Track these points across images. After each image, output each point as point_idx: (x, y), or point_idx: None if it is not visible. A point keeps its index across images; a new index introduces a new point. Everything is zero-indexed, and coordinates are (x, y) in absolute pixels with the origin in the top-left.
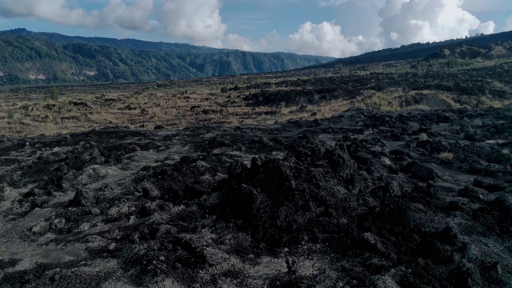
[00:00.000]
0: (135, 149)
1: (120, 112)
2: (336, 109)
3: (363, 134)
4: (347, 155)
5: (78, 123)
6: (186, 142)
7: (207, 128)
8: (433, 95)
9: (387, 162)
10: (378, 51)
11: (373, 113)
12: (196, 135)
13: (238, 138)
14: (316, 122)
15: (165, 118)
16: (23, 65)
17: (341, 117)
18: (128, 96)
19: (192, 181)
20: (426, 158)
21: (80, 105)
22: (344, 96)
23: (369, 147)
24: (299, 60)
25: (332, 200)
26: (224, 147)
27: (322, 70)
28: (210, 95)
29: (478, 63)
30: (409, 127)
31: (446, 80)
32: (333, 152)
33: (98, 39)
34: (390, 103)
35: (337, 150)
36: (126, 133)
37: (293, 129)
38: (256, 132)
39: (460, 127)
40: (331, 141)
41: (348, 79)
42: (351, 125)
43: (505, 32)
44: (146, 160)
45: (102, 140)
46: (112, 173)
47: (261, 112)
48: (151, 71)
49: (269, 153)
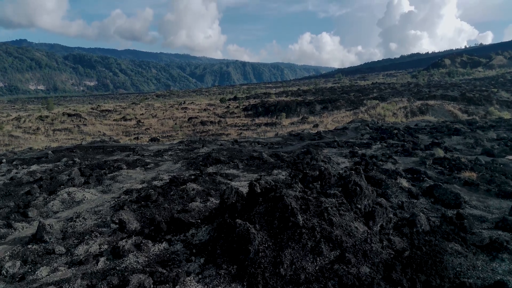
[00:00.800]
0: (120, 167)
1: (115, 124)
2: (339, 121)
3: (371, 149)
4: (364, 181)
5: (70, 135)
6: (179, 158)
7: (202, 141)
8: (439, 105)
9: (405, 184)
10: (378, 61)
11: (378, 125)
12: (191, 149)
13: (235, 154)
14: (319, 134)
15: (161, 130)
16: (23, 75)
17: (346, 129)
18: (125, 107)
19: (179, 208)
20: (446, 178)
21: (74, 117)
22: (346, 106)
23: (380, 165)
24: (298, 70)
25: (349, 241)
26: (219, 165)
27: (322, 80)
28: (209, 106)
29: (479, 73)
30: (420, 141)
31: (451, 90)
32: (348, 179)
33: (98, 49)
34: (395, 114)
35: (353, 176)
36: (114, 148)
37: (295, 142)
38: (256, 146)
39: (474, 141)
40: (337, 157)
41: (350, 89)
42: (357, 138)
43: (504, 42)
44: (131, 180)
45: (87, 156)
46: (89, 198)
47: (261, 123)
48: (151, 81)
49: (269, 172)
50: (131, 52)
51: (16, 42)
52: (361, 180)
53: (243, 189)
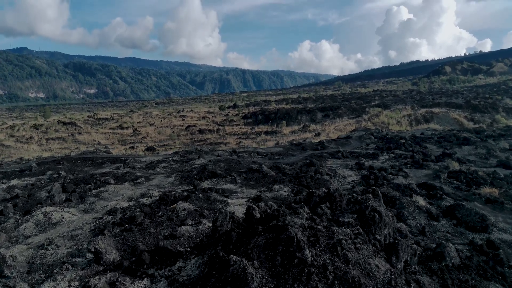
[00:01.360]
0: (108, 181)
1: (111, 132)
2: (341, 129)
3: (379, 160)
4: (383, 206)
5: (64, 144)
6: (172, 171)
7: (198, 152)
8: (444, 113)
9: (422, 203)
10: (378, 69)
11: (383, 134)
12: (186, 161)
13: (233, 166)
14: (322, 144)
15: (158, 139)
16: (23, 83)
17: (349, 139)
18: (122, 115)
19: (167, 233)
20: (465, 194)
21: (69, 125)
22: (349, 114)
23: (391, 179)
24: (298, 78)
25: (369, 283)
26: (215, 179)
27: (322, 87)
28: (208, 114)
29: (480, 80)
30: (429, 151)
31: (455, 98)
32: (365, 204)
33: (99, 57)
34: (399, 122)
35: (370, 200)
36: (104, 159)
37: (296, 152)
38: (255, 156)
39: (487, 151)
40: (343, 169)
41: (350, 96)
42: (362, 148)
43: (503, 49)
44: (117, 197)
45: (74, 169)
46: (68, 219)
47: (261, 131)
48: (151, 89)
49: (270, 187)
50: (131, 60)
51: (17, 50)
52: (379, 204)
53: (240, 208)
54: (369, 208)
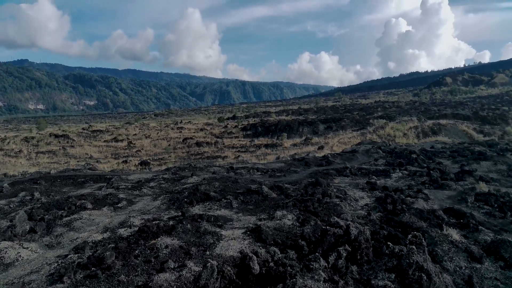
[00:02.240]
0: (84, 206)
1: (105, 145)
2: (345, 142)
3: (391, 178)
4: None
5: (54, 158)
6: (161, 192)
7: (192, 169)
8: (452, 125)
9: (456, 237)
10: (377, 80)
11: (391, 148)
12: (178, 179)
13: (229, 186)
14: (326, 159)
15: (153, 152)
16: (23, 95)
17: (355, 153)
18: (118, 127)
19: (141, 283)
20: (501, 223)
21: (61, 138)
22: (352, 126)
23: (410, 202)
24: (298, 89)
25: None
26: (208, 202)
27: (322, 98)
28: (206, 125)
29: (482, 91)
30: (446, 168)
31: (462, 109)
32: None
33: (99, 69)
34: (406, 135)
35: (414, 254)
36: (87, 178)
37: (299, 168)
38: (254, 173)
39: (508, 167)
40: (353, 190)
41: (352, 107)
42: (371, 164)
43: (503, 60)
44: (91, 227)
45: (51, 190)
46: (26, 257)
47: (261, 144)
48: (151, 100)
49: (271, 213)
50: (131, 72)
51: (18, 62)
52: (426, 259)
53: (235, 245)
54: (414, 266)
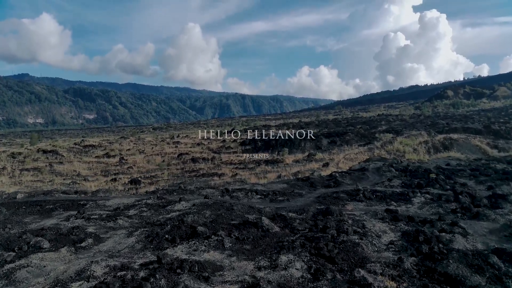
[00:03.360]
0: (40, 246)
1: (96, 161)
2: (352, 158)
3: (413, 204)
4: None
5: (38, 176)
6: (140, 224)
7: (182, 191)
8: (464, 139)
9: None
10: (377, 93)
11: (404, 165)
12: (163, 205)
13: (222, 215)
14: (334, 179)
15: (146, 169)
16: (22, 109)
17: (365, 171)
18: (112, 142)
19: None
20: None
21: (50, 153)
22: (358, 141)
23: (446, 240)
24: (297, 102)
25: None
26: (195, 240)
27: (323, 112)
28: (204, 139)
29: (484, 104)
30: (475, 191)
31: (471, 122)
32: None
33: (100, 83)
34: (416, 150)
35: None
36: (57, 204)
37: (304, 190)
38: (253, 197)
39: None
40: (372, 220)
41: (355, 121)
42: (385, 185)
43: (502, 74)
44: (38, 279)
45: (11, 219)
46: None
47: (260, 160)
48: (151, 114)
49: (273, 258)
50: (132, 86)
51: (19, 76)
52: None
53: None
54: None
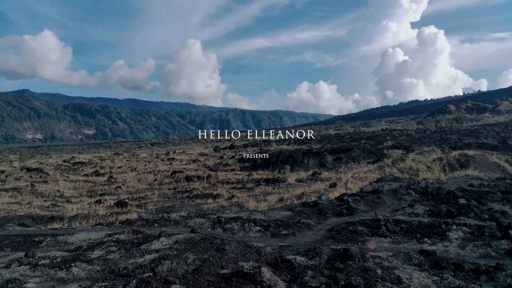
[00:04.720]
0: None
1: (83, 180)
2: (362, 177)
3: (451, 241)
4: None
5: (17, 197)
6: (100, 274)
7: (164, 222)
8: (481, 156)
9: None
10: (377, 108)
11: (422, 186)
12: (138, 243)
13: (209, 261)
14: (346, 205)
15: (136, 188)
16: (21, 124)
17: (380, 194)
18: (104, 158)
19: None
20: None
21: (34, 172)
22: (365, 157)
23: None
24: (297, 117)
25: None
26: None
27: (323, 126)
28: (201, 156)
29: (488, 119)
30: None
31: (484, 137)
32: None
33: (100, 99)
34: (430, 168)
35: None
36: (8, 241)
37: (312, 220)
38: (250, 229)
39: None
40: (405, 268)
41: (358, 136)
42: (406, 212)
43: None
44: None
45: None
46: None
47: (260, 179)
48: (150, 129)
49: None
50: (132, 101)
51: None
52: None
53: None
54: None
